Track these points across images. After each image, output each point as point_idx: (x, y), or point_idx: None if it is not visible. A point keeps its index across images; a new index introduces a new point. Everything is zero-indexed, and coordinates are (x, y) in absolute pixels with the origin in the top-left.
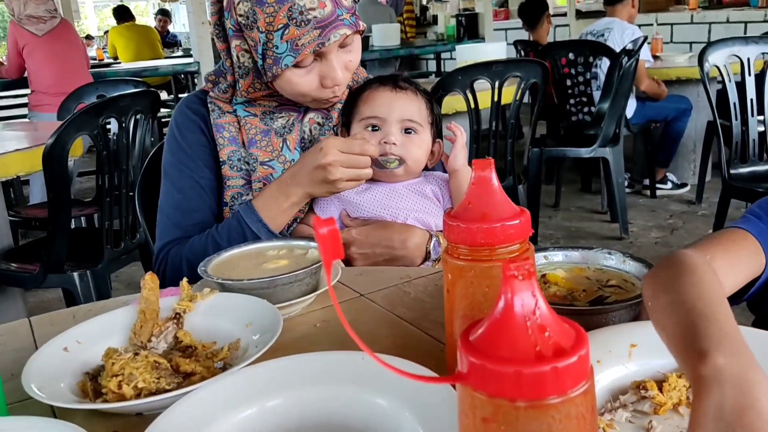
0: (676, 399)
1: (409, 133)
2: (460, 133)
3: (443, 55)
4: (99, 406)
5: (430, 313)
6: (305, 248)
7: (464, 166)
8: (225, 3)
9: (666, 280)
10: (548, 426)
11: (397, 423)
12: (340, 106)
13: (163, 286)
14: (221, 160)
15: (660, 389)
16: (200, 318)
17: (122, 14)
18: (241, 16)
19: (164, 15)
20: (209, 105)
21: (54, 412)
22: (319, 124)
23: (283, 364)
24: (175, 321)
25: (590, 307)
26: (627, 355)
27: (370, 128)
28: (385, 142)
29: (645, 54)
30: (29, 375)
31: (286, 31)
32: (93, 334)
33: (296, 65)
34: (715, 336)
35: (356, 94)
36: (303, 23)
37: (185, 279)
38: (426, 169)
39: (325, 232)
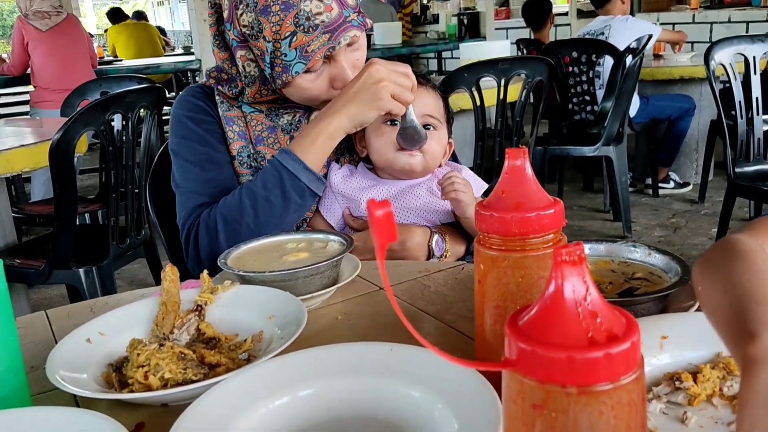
0: (710, 390)
1: (428, 128)
2: (461, 183)
3: (444, 54)
4: (126, 396)
5: (452, 306)
6: (324, 241)
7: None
8: (226, 14)
9: (718, 265)
10: (599, 412)
11: (430, 414)
12: None
13: (196, 253)
14: (231, 155)
15: (694, 380)
16: (221, 310)
17: (116, 15)
18: (245, 26)
19: (140, 18)
20: (217, 98)
21: (78, 404)
22: None
23: (312, 354)
24: (196, 313)
25: (620, 299)
26: (658, 347)
27: (389, 123)
28: None
29: (655, 36)
30: (53, 365)
31: (294, 38)
32: (115, 326)
33: (306, 71)
34: (766, 318)
35: None
36: (311, 29)
37: (206, 271)
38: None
39: (380, 214)
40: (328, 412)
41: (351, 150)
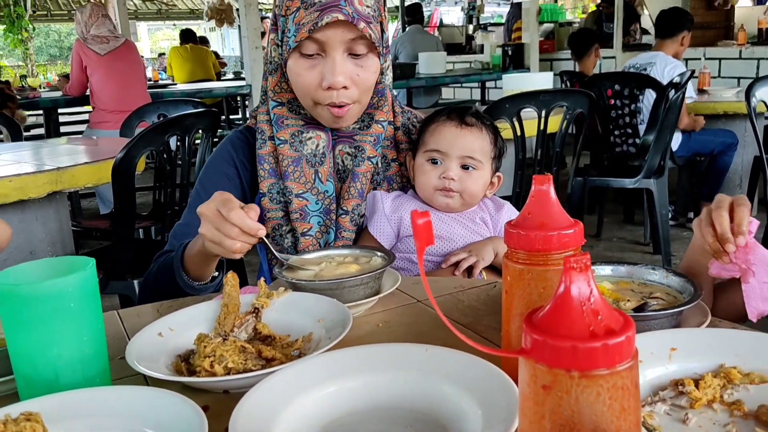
0: (711, 396)
1: (467, 168)
2: (465, 257)
3: (488, 84)
4: (195, 380)
5: (483, 319)
6: (369, 256)
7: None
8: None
9: None
10: (597, 393)
11: (458, 406)
12: (371, 139)
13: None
14: (261, 192)
15: (696, 386)
16: (276, 313)
17: (187, 36)
18: (277, 6)
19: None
20: (257, 135)
21: None
22: (349, 155)
23: (357, 351)
24: (254, 314)
25: (635, 314)
26: (667, 357)
27: (430, 161)
28: (443, 177)
29: (689, 90)
30: (130, 354)
31: (297, 13)
32: (183, 323)
33: (301, 54)
34: None
35: (425, 124)
36: (310, 6)
37: (262, 279)
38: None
39: (422, 223)
40: (370, 402)
41: (390, 181)
